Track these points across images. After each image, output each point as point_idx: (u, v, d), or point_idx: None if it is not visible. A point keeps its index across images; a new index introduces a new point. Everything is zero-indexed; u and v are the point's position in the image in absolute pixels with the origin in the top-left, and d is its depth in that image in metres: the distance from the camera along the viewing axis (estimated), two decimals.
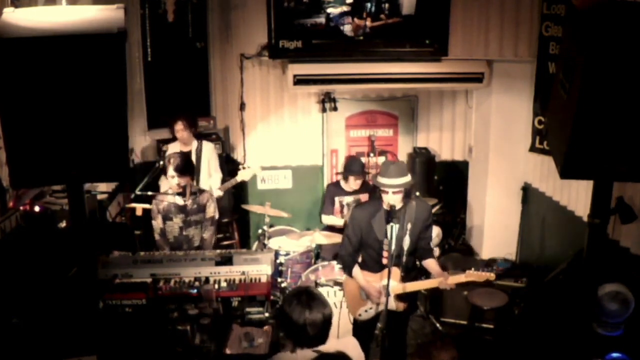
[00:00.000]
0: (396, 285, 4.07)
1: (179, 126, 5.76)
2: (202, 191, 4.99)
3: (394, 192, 3.91)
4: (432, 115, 7.15)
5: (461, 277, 4.08)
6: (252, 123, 6.79)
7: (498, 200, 6.70)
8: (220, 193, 5.69)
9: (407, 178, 3.95)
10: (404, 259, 3.99)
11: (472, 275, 4.10)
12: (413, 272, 4.27)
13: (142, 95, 6.53)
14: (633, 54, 2.25)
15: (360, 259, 4.31)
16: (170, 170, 4.65)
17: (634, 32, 2.24)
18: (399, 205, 3.98)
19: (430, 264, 4.24)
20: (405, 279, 4.11)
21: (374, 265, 4.19)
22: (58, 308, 3.35)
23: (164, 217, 4.88)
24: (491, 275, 4.12)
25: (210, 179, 5.93)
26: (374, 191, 4.09)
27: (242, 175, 5.73)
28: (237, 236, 6.67)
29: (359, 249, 4.23)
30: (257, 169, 5.85)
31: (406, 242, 3.90)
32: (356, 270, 4.22)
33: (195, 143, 5.91)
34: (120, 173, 2.48)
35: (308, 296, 2.74)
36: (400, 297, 4.14)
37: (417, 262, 4.36)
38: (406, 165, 5.66)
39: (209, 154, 5.97)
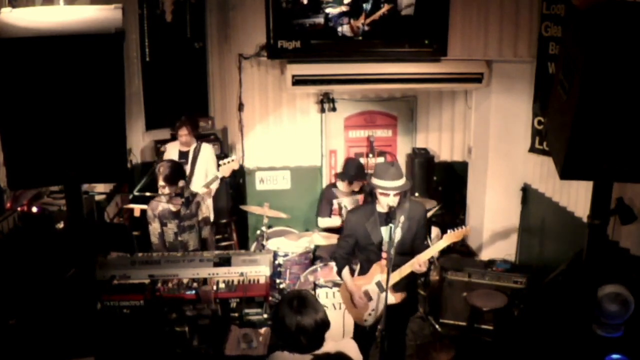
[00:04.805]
0: (381, 277, 4.07)
1: (183, 131, 5.83)
2: (194, 195, 4.95)
3: (395, 194, 3.91)
4: (431, 116, 7.14)
5: (440, 243, 4.08)
6: (251, 123, 6.77)
7: (497, 201, 6.69)
8: (204, 189, 5.59)
9: (405, 179, 3.97)
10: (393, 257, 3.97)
11: (449, 236, 4.09)
12: None
13: (140, 96, 6.53)
14: (633, 54, 2.24)
15: (358, 265, 4.30)
16: (160, 181, 4.65)
17: (634, 32, 2.23)
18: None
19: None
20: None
21: (370, 268, 4.17)
22: (56, 309, 3.33)
23: (160, 221, 4.86)
24: (468, 230, 4.12)
25: (207, 180, 5.89)
26: (371, 193, 4.06)
27: (222, 171, 5.57)
28: (236, 237, 6.67)
29: (354, 252, 4.22)
30: (235, 164, 5.59)
31: (397, 236, 3.89)
32: (345, 272, 4.22)
33: (194, 144, 5.95)
34: (118, 174, 2.47)
35: (299, 301, 2.66)
36: (394, 288, 4.10)
37: None
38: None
39: (208, 155, 5.96)
